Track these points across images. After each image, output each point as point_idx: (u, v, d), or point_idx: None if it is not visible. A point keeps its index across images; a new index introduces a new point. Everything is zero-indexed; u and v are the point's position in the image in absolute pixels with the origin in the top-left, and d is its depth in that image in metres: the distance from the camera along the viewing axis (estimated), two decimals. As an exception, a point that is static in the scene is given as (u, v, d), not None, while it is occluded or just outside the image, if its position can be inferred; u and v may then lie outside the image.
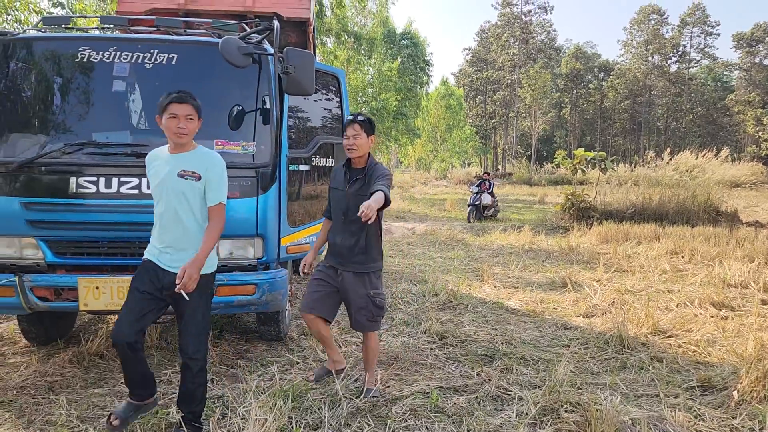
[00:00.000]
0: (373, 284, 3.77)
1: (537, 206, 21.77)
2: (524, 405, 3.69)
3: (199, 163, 3.15)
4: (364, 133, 3.70)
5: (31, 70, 4.41)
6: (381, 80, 30.83)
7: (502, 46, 58.57)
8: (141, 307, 3.14)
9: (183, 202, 3.12)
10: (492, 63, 60.42)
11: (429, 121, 46.53)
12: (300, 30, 6.97)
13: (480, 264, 8.91)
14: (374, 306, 3.76)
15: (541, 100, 51.74)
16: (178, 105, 3.10)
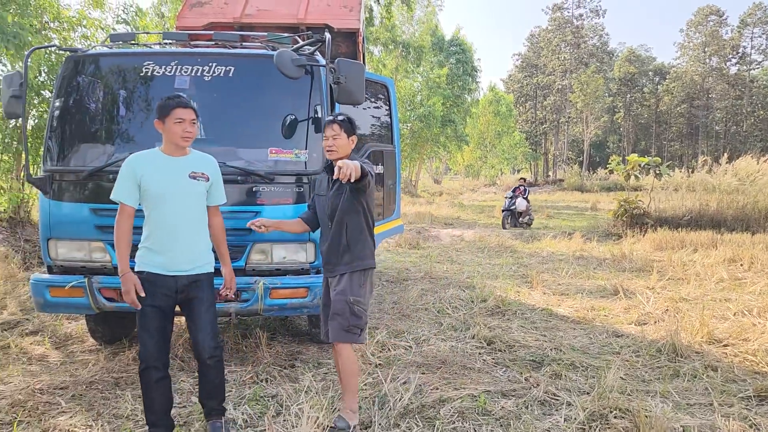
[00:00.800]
0: (354, 290, 3.42)
1: (588, 213, 21.38)
2: (573, 410, 3.69)
3: (203, 165, 3.24)
4: (344, 133, 3.45)
5: (100, 84, 4.69)
6: (429, 87, 30.91)
7: (552, 51, 57.76)
8: (162, 325, 3.15)
9: (193, 204, 3.18)
10: (542, 68, 59.65)
11: (478, 127, 46.27)
12: (350, 40, 7.14)
13: (529, 270, 8.86)
14: (351, 314, 3.38)
15: (593, 104, 50.71)
16: (184, 110, 3.13)
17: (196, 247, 3.21)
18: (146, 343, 3.12)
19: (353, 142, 3.49)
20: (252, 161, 4.42)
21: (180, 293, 3.17)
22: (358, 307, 3.39)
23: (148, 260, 3.13)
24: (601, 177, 42.52)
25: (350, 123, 3.49)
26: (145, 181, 3.09)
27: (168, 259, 3.12)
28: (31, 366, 4.60)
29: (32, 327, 5.63)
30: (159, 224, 3.12)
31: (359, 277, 3.44)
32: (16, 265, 8.19)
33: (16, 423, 3.50)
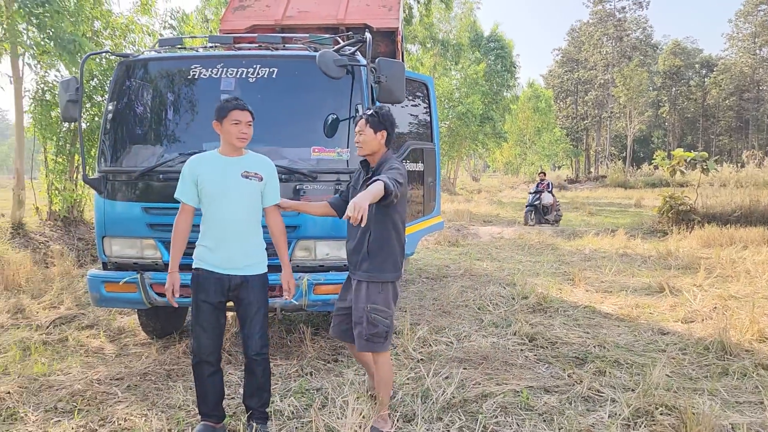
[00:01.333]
0: (372, 298, 3.30)
1: (632, 210, 20.97)
2: (617, 406, 3.68)
3: (257, 166, 3.30)
4: (370, 129, 3.35)
5: (150, 88, 4.87)
6: (467, 84, 30.76)
7: (594, 45, 56.66)
8: (215, 321, 3.26)
9: (246, 203, 3.23)
10: (583, 63, 58.58)
11: (517, 124, 45.80)
12: (389, 39, 7.20)
13: (571, 268, 8.78)
14: (367, 323, 3.29)
15: (636, 99, 49.53)
16: (241, 111, 3.22)
17: (247, 246, 3.27)
18: (199, 337, 3.24)
19: (383, 136, 3.39)
20: (295, 160, 4.52)
21: (231, 291, 3.25)
22: (374, 315, 3.28)
23: (203, 257, 3.24)
24: (645, 173, 41.55)
25: (378, 117, 3.36)
26: (201, 180, 3.21)
27: (220, 258, 3.21)
28: (88, 358, 4.82)
29: (88, 321, 5.88)
30: (212, 222, 3.22)
31: (376, 286, 3.33)
32: (71, 262, 8.53)
33: (76, 411, 3.68)
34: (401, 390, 3.97)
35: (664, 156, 15.82)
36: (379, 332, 3.28)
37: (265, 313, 3.36)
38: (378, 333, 3.28)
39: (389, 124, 3.38)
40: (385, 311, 3.31)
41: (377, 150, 3.38)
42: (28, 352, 4.92)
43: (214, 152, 3.33)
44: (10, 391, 3.90)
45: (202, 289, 3.22)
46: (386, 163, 3.35)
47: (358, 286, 3.36)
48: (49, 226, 10.46)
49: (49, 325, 5.75)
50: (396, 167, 3.28)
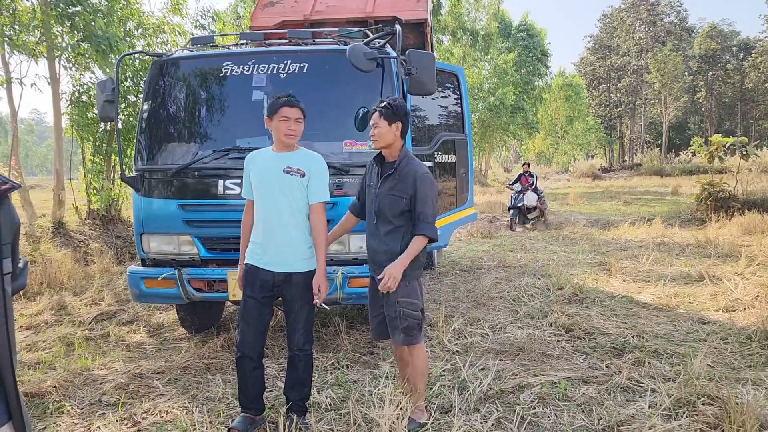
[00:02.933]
0: (404, 291, 3.26)
1: (669, 198, 20.53)
2: (658, 397, 3.61)
3: (303, 162, 3.26)
4: (385, 121, 3.24)
5: (183, 86, 4.95)
6: (497, 75, 30.44)
7: (626, 31, 55.48)
8: (260, 316, 3.28)
9: (287, 199, 3.20)
10: (616, 49, 57.40)
11: (549, 113, 45.17)
12: (418, 31, 7.17)
13: (607, 258, 8.64)
14: (401, 317, 3.27)
15: (671, 84, 48.37)
16: (290, 108, 3.22)
17: (292, 243, 3.25)
18: (243, 332, 3.27)
19: (398, 128, 3.28)
20: (327, 154, 4.53)
21: (276, 287, 3.27)
22: (405, 309, 3.27)
23: (252, 253, 3.29)
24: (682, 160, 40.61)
25: (392, 109, 3.26)
26: (251, 175, 3.29)
27: (266, 254, 3.24)
28: (129, 353, 4.93)
29: (128, 317, 6.01)
30: (259, 217, 3.28)
31: (406, 279, 3.25)
32: (110, 260, 8.74)
33: (120, 404, 3.77)
34: (437, 382, 3.97)
35: (701, 142, 15.38)
36: (412, 325, 3.29)
37: (310, 310, 3.33)
38: (412, 326, 3.28)
39: (403, 114, 3.30)
40: (416, 303, 3.31)
41: (393, 142, 3.30)
42: (72, 347, 5.06)
43: (269, 149, 3.37)
44: (56, 385, 4.01)
45: (249, 284, 3.27)
46: (411, 167, 3.25)
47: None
48: (89, 224, 10.72)
49: (91, 321, 5.90)
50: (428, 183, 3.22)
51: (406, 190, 3.21)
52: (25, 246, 8.63)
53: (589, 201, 20.30)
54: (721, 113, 61.11)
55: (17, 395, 1.64)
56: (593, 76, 58.89)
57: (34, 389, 3.94)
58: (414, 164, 3.28)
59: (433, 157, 5.33)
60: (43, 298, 6.66)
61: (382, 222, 3.30)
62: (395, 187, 3.24)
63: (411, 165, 3.27)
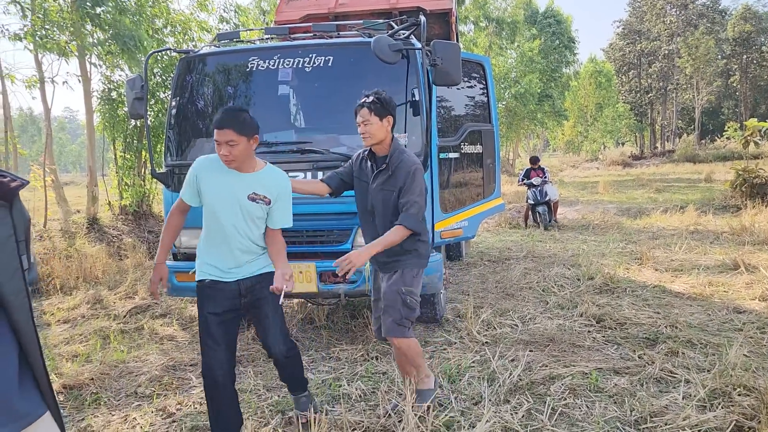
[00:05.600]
0: (407, 281, 3.18)
1: (702, 185, 20.09)
2: (692, 387, 3.55)
3: (269, 185, 2.93)
4: (375, 116, 3.10)
5: (211, 82, 5.00)
6: (524, 63, 30.04)
7: (657, 15, 54.19)
8: (227, 333, 2.96)
9: (249, 225, 2.91)
10: (646, 34, 56.16)
11: (577, 101, 44.46)
12: (443, 21, 7.12)
13: (638, 247, 8.50)
14: (403, 305, 3.14)
15: (704, 69, 47.13)
16: (218, 131, 2.76)
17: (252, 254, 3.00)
18: (211, 353, 2.94)
19: (389, 122, 3.15)
20: (353, 147, 4.54)
21: (244, 296, 2.98)
22: (410, 299, 3.16)
23: (207, 270, 2.98)
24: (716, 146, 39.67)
25: (381, 103, 3.11)
26: (204, 188, 2.92)
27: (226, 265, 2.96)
28: (163, 345, 5.03)
29: (161, 310, 6.13)
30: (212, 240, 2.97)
31: (412, 271, 3.21)
32: (143, 254, 8.91)
33: (154, 396, 3.86)
34: (467, 373, 3.97)
35: (736, 127, 15.00)
36: (413, 316, 3.19)
37: (281, 312, 3.09)
38: (411, 317, 3.18)
39: (393, 108, 3.17)
40: (417, 293, 3.23)
41: (385, 138, 3.15)
42: (108, 340, 5.18)
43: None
44: (93, 377, 4.12)
45: (211, 301, 2.94)
46: (403, 162, 3.12)
47: (390, 277, 3.21)
48: (121, 220, 10.95)
49: (125, 314, 6.03)
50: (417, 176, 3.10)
51: (398, 185, 3.11)
52: (60, 241, 8.85)
53: (619, 189, 19.98)
54: (756, 97, 59.38)
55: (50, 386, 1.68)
56: (623, 61, 57.71)
57: (72, 381, 4.05)
58: (406, 157, 3.16)
59: (460, 148, 5.30)
60: (79, 293, 6.82)
61: (379, 219, 3.20)
62: (387, 181, 3.14)
63: (404, 158, 3.14)
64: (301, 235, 4.50)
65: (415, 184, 3.10)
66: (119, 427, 3.40)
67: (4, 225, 1.59)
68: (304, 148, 4.52)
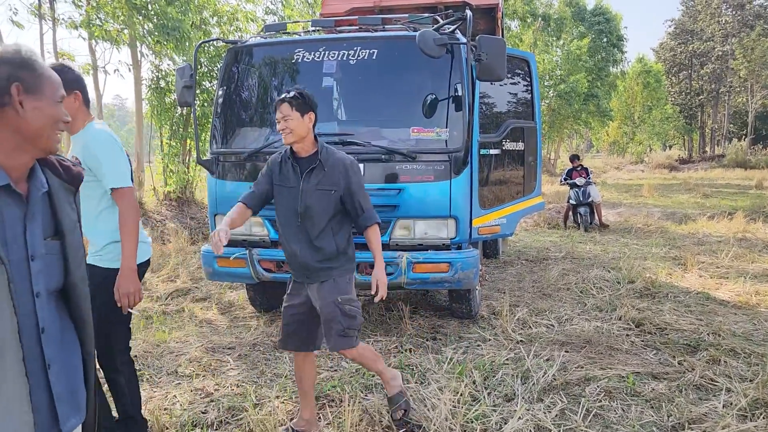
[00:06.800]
0: (341, 289, 2.99)
1: (753, 191, 19.41)
2: (733, 396, 3.46)
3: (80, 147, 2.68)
4: (296, 112, 2.90)
5: (257, 72, 5.08)
6: (570, 61, 29.49)
7: (711, 14, 52.49)
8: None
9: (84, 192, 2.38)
10: (699, 34, 54.45)
11: (624, 101, 43.46)
12: (489, 16, 7.07)
13: (682, 252, 8.29)
14: (343, 315, 2.95)
15: (759, 71, 45.42)
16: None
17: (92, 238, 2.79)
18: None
19: (311, 119, 2.96)
20: (395, 140, 4.57)
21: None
22: (349, 307, 2.97)
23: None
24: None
25: (303, 99, 2.94)
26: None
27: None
28: (202, 328, 5.15)
29: (201, 294, 6.28)
30: None
31: (344, 278, 3.04)
32: (185, 240, 9.12)
33: (194, 376, 3.96)
34: (500, 370, 3.95)
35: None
36: (356, 324, 3.00)
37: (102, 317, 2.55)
38: (354, 325, 3.00)
39: (315, 105, 3.01)
40: (356, 301, 3.04)
41: (306, 135, 2.97)
42: (151, 321, 5.34)
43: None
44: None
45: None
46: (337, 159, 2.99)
47: (322, 286, 2.99)
48: (165, 205, 11.22)
49: (167, 297, 6.20)
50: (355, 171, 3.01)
51: (336, 182, 2.95)
52: (108, 224, 9.12)
53: (664, 193, 19.49)
54: (814, 102, 57.03)
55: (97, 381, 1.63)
56: (673, 62, 56.13)
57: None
58: (338, 153, 3.04)
59: (501, 144, 5.26)
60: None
61: (309, 222, 2.97)
62: (322, 180, 2.95)
63: (336, 154, 3.02)
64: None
65: (361, 181, 3.04)
66: (160, 403, 3.51)
67: (73, 210, 1.56)
68: (345, 139, 4.56)
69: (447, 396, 3.39)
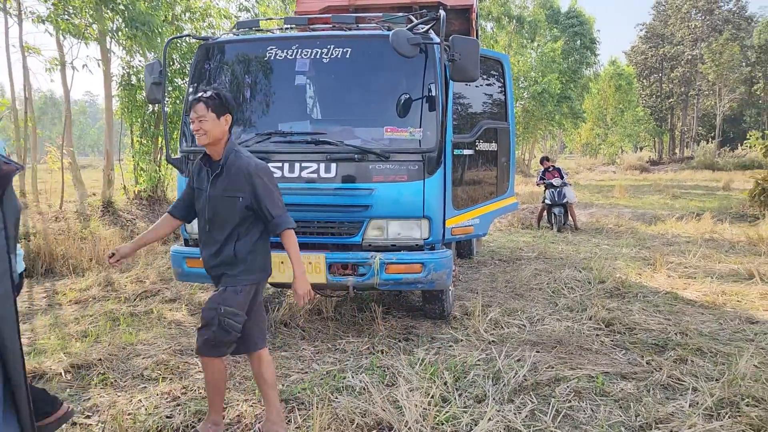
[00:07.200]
0: (228, 300, 2.86)
1: (720, 193, 19.82)
2: (699, 396, 3.51)
3: None
4: (212, 113, 2.82)
5: (229, 69, 5.00)
6: (544, 63, 29.80)
7: (681, 19, 53.51)
8: None
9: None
10: (669, 38, 55.47)
11: (597, 103, 44.05)
12: (463, 17, 7.08)
13: (652, 253, 8.42)
14: (219, 327, 2.83)
15: (727, 75, 46.44)
16: None
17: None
18: None
19: (227, 121, 2.89)
20: (368, 140, 4.54)
21: None
22: (228, 320, 2.84)
23: None
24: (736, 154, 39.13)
25: (220, 100, 2.85)
26: None
27: None
28: (171, 330, 5.06)
29: (170, 295, 6.17)
30: None
31: (235, 288, 2.91)
32: (156, 239, 8.95)
33: (161, 379, 3.88)
34: (472, 371, 3.95)
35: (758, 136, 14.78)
36: (229, 338, 2.89)
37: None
38: (228, 339, 2.90)
39: (232, 107, 2.93)
40: (239, 315, 2.89)
41: (221, 137, 2.88)
42: (117, 322, 5.23)
43: None
44: (101, 357, 4.15)
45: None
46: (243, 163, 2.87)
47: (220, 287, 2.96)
48: (135, 204, 11.03)
49: (135, 298, 6.08)
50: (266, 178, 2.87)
51: (241, 188, 2.85)
52: (75, 223, 8.93)
53: (635, 194, 19.79)
54: (779, 106, 58.46)
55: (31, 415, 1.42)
56: (644, 65, 57.10)
57: (80, 361, 4.09)
58: (244, 158, 2.90)
59: (475, 145, 5.27)
60: (91, 274, 6.89)
61: (216, 229, 2.91)
62: (228, 187, 2.86)
63: (241, 159, 2.88)
64: (311, 225, 4.51)
65: (269, 184, 2.89)
66: (124, 407, 3.42)
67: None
68: (318, 139, 4.52)
69: (418, 398, 3.37)
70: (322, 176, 4.39)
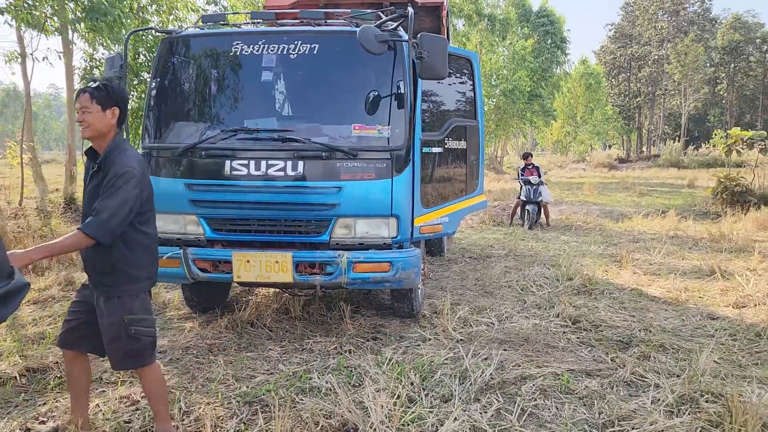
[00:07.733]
0: (128, 308, 2.75)
1: (685, 190, 20.23)
2: (661, 392, 3.55)
3: None
4: (97, 105, 2.69)
5: (193, 64, 4.90)
6: (515, 61, 30.03)
7: (648, 20, 54.50)
8: None
9: None
10: (637, 38, 56.44)
11: (567, 101, 44.61)
12: (434, 15, 7.05)
13: (618, 249, 8.53)
14: (128, 338, 2.74)
15: (692, 76, 47.44)
16: None
17: None
18: None
19: (114, 115, 2.75)
20: (336, 137, 4.49)
21: None
22: (135, 328, 2.75)
23: None
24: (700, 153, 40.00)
25: (107, 91, 2.71)
26: None
27: None
28: (134, 330, 4.94)
29: (135, 294, 6.02)
30: None
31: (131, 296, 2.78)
32: (120, 237, 8.77)
33: (119, 382, 3.78)
34: (439, 370, 3.94)
35: (722, 135, 15.11)
36: (146, 345, 2.81)
37: None
38: (146, 345, 2.81)
39: (121, 99, 2.78)
40: (147, 319, 2.82)
41: (107, 132, 2.74)
42: (78, 322, 5.08)
43: None
44: (58, 361, 4.03)
45: None
46: (115, 163, 2.68)
47: (108, 302, 2.75)
48: (101, 201, 10.78)
49: (98, 297, 5.92)
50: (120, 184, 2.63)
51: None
52: (36, 220, 8.69)
53: (603, 191, 20.08)
54: (741, 106, 60.01)
55: None
56: (613, 65, 58.00)
57: (36, 364, 3.97)
58: (120, 157, 2.70)
59: (444, 143, 5.25)
60: (51, 273, 6.70)
61: None
62: (100, 184, 2.69)
63: (121, 158, 2.70)
64: (278, 224, 4.44)
65: (117, 187, 2.63)
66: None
67: None
68: (285, 136, 4.45)
69: (384, 398, 3.34)
70: (288, 174, 4.32)
